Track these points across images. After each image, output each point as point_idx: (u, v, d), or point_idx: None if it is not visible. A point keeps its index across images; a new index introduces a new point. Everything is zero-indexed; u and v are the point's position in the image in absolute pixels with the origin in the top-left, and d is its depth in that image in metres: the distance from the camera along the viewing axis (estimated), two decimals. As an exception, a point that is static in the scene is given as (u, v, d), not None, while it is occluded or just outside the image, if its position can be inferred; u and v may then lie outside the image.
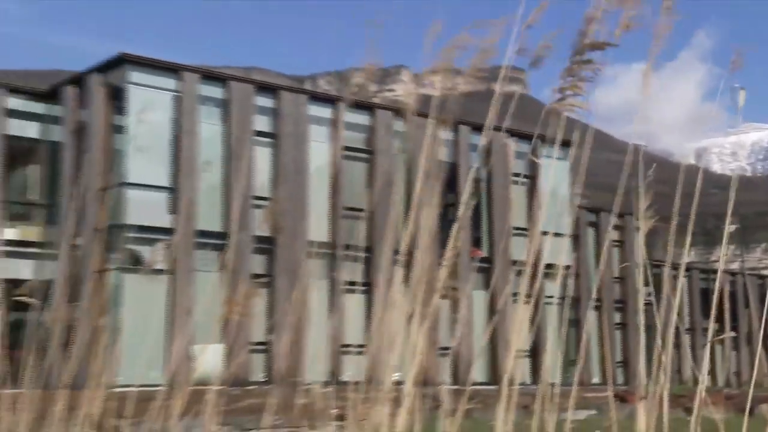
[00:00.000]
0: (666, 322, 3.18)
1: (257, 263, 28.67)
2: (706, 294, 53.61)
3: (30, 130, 29.84)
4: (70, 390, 2.65)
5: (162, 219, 27.51)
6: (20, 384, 2.60)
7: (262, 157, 29.98)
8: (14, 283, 27.06)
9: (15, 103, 29.50)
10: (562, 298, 2.26)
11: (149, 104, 28.07)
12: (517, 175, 36.67)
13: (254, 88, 30.96)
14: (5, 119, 28.91)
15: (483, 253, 35.31)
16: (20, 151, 29.83)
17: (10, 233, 28.47)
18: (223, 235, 28.26)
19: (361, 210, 29.99)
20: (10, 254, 28.12)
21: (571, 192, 30.01)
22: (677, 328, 3.31)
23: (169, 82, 28.75)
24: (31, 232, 29.44)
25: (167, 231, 27.46)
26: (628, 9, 2.74)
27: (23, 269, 28.39)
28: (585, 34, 2.80)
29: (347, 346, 28.13)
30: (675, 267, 3.77)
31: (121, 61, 28.29)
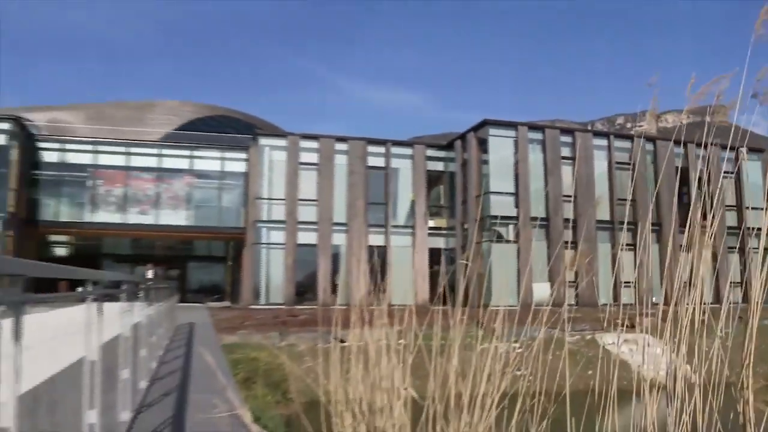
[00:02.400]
0: None
1: (567, 234, 27.61)
2: None
3: (438, 166, 31.09)
4: (469, 308, 2.87)
5: (511, 211, 27.50)
6: (449, 305, 2.87)
7: (566, 172, 28.79)
8: (435, 251, 28.87)
9: (430, 152, 31.08)
10: (765, 248, 1.99)
11: (500, 147, 28.21)
12: (726, 172, 31.39)
13: (558, 131, 29.82)
14: (426, 161, 30.70)
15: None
16: (434, 178, 31.39)
17: (431, 223, 30.27)
18: (546, 219, 27.59)
19: (627, 199, 27.68)
20: (431, 234, 29.92)
21: (765, 180, 25.10)
22: None
23: (511, 132, 28.59)
24: (441, 221, 30.90)
25: (514, 218, 27.42)
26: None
27: (438, 242, 30.04)
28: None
29: (624, 282, 26.06)
30: None
31: (484, 123, 28.64)
